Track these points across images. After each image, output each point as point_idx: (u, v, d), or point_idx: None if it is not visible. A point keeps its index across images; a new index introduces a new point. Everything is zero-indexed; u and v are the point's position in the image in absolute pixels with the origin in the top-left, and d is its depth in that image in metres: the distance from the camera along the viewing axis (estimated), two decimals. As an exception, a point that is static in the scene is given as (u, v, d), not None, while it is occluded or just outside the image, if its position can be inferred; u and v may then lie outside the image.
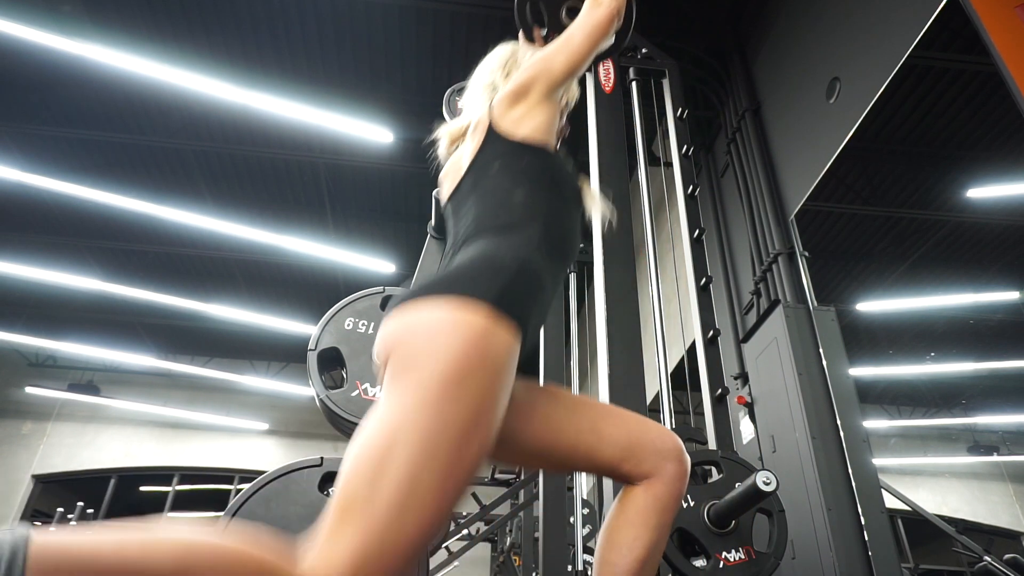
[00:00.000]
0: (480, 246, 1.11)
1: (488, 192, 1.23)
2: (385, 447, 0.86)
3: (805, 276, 3.96)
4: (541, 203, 1.20)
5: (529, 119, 1.27)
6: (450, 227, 1.33)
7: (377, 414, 0.91)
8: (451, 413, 0.88)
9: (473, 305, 0.94)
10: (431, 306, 0.95)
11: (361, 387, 1.38)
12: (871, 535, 2.97)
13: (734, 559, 1.59)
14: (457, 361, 0.90)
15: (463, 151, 1.37)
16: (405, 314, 0.98)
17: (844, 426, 3.25)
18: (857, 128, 3.67)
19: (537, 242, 1.13)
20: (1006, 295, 7.15)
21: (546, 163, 1.26)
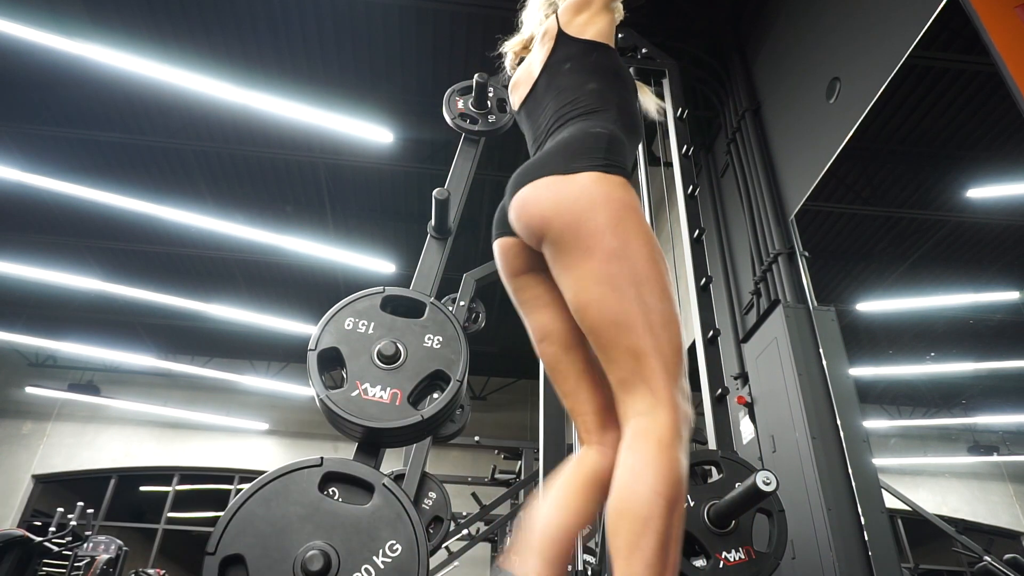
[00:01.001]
0: (572, 128, 1.31)
1: (564, 88, 1.42)
2: (635, 297, 1.08)
3: (805, 276, 3.96)
4: (612, 91, 1.40)
5: (593, 24, 1.46)
6: (528, 127, 1.54)
7: (594, 276, 1.11)
8: (647, 250, 1.12)
9: (599, 174, 1.17)
10: (568, 183, 1.17)
11: (361, 387, 1.38)
12: (871, 535, 2.97)
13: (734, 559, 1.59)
14: (623, 218, 1.13)
15: (532, 59, 1.56)
16: (544, 191, 1.19)
17: (844, 426, 3.25)
18: (857, 128, 3.67)
19: (615, 120, 1.32)
20: (1006, 295, 7.15)
21: (611, 59, 1.45)
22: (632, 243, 1.11)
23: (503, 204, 1.36)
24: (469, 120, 2.11)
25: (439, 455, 10.30)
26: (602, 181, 1.16)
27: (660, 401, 1.04)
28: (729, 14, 5.12)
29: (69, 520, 5.37)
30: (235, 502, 1.18)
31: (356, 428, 1.34)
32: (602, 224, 1.12)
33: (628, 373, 1.07)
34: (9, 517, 9.68)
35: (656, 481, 0.97)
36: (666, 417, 1.03)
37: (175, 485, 10.57)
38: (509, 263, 1.37)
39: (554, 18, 1.50)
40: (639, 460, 1.00)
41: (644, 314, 1.08)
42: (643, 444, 1.01)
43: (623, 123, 1.34)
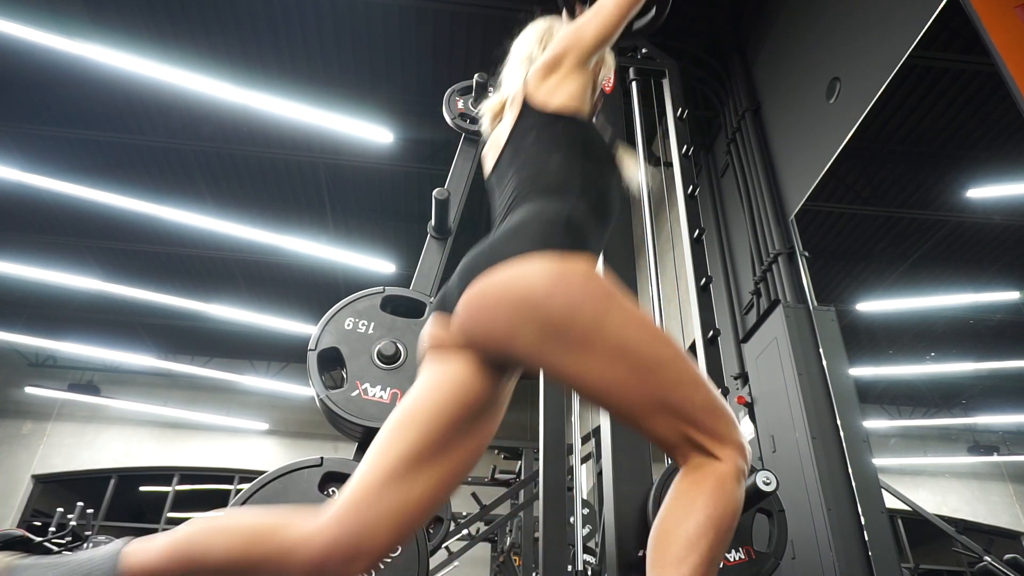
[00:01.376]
0: (528, 208, 1.17)
1: (527, 161, 1.29)
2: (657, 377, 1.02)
3: (805, 276, 3.96)
4: (576, 167, 1.26)
5: (561, 89, 1.32)
6: (495, 199, 1.38)
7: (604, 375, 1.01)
8: (640, 322, 1.04)
9: (559, 264, 1.03)
10: (533, 282, 1.01)
11: (361, 387, 1.38)
12: (871, 535, 2.97)
13: (734, 559, 1.59)
14: (605, 304, 1.02)
15: (502, 125, 1.43)
16: (507, 294, 1.02)
17: (844, 426, 3.25)
18: (857, 128, 3.67)
19: (574, 201, 1.18)
20: (1006, 295, 7.15)
21: (579, 130, 1.31)
22: (625, 327, 1.02)
23: (449, 283, 1.16)
24: (469, 120, 2.11)
25: (439, 455, 10.27)
26: (567, 271, 1.02)
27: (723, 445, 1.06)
28: (729, 14, 5.12)
29: (69, 520, 5.37)
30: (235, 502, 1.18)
31: (356, 428, 1.34)
32: (588, 322, 1.00)
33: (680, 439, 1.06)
34: (9, 517, 9.67)
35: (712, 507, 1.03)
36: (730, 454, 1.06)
37: (175, 485, 10.57)
38: (438, 338, 1.15)
39: (523, 82, 1.38)
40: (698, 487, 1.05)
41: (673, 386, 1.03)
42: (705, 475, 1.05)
43: (587, 202, 1.20)
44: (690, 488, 1.02)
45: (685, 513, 1.00)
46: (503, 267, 1.03)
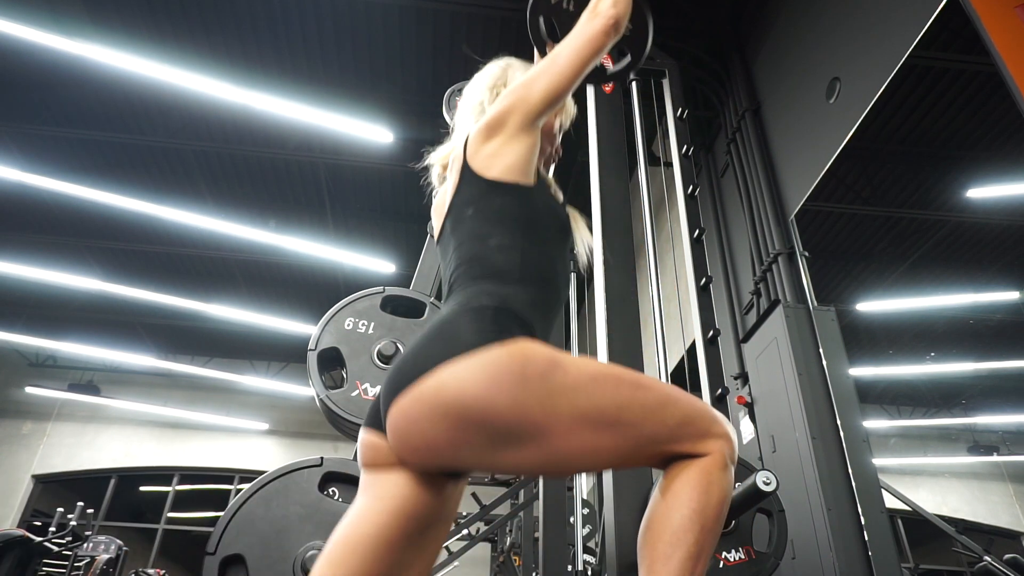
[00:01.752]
0: (459, 298, 1.08)
1: (465, 238, 1.17)
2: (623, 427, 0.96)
3: (805, 276, 3.96)
4: (516, 249, 1.13)
5: (502, 156, 1.16)
6: (442, 269, 1.25)
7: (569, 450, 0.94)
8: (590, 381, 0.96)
9: (492, 354, 0.93)
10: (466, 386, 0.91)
11: (361, 387, 1.38)
12: (871, 535, 2.97)
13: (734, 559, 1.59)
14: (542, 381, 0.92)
15: (446, 186, 1.30)
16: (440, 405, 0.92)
17: (844, 426, 3.25)
18: (857, 128, 3.67)
19: (514, 286, 1.08)
20: (1006, 295, 7.15)
21: (521, 204, 1.17)
22: (578, 396, 0.94)
23: (379, 396, 1.05)
24: (469, 120, 2.10)
25: (439, 455, 10.28)
26: (499, 359, 0.92)
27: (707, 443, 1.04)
28: (729, 14, 5.12)
29: (69, 520, 5.38)
30: (235, 502, 1.18)
31: (356, 428, 1.34)
32: (539, 411, 0.91)
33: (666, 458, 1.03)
34: (9, 517, 9.67)
35: (696, 499, 1.03)
36: (717, 447, 1.04)
37: (175, 485, 10.57)
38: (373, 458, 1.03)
39: (463, 143, 1.22)
40: (684, 480, 1.03)
41: (639, 427, 0.98)
42: (691, 466, 1.04)
43: (530, 289, 1.10)
44: (674, 482, 0.99)
45: (670, 507, 0.98)
46: (432, 375, 0.92)
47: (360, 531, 0.95)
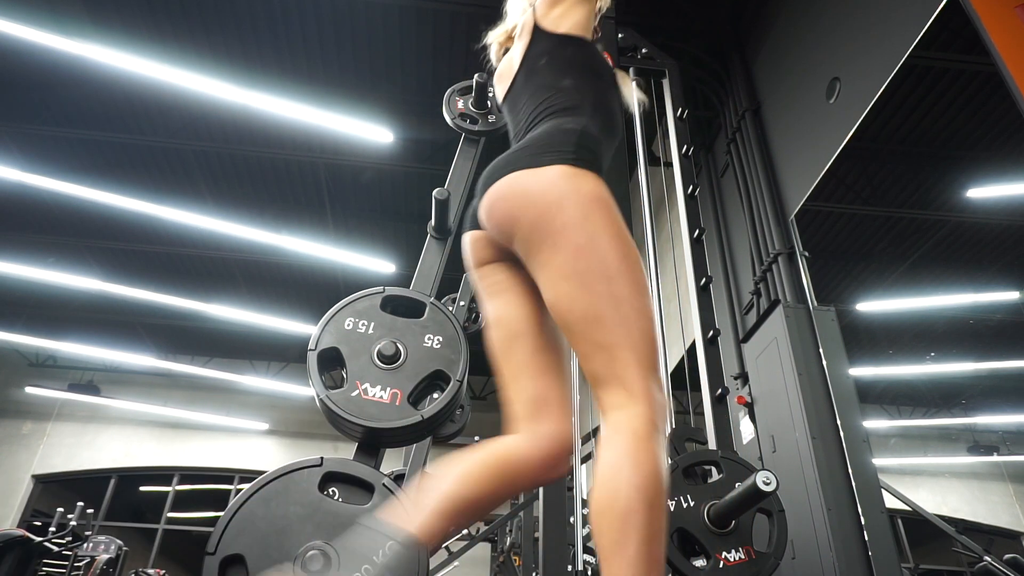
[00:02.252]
0: (545, 126, 1.29)
1: (540, 85, 1.39)
2: (605, 291, 1.08)
3: (805, 276, 3.96)
4: (587, 87, 1.38)
5: (568, 17, 1.44)
6: (510, 122, 1.50)
7: (563, 271, 1.11)
8: (616, 243, 1.11)
9: (567, 168, 1.15)
10: (535, 178, 1.16)
11: (361, 387, 1.38)
12: (871, 535, 2.97)
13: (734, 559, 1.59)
14: (591, 212, 1.12)
15: (513, 52, 1.54)
16: (511, 188, 1.18)
17: (844, 426, 3.25)
18: (857, 128, 3.67)
19: (588, 117, 1.31)
20: (1006, 295, 7.15)
21: (587, 53, 1.44)
22: (600, 237, 1.10)
23: (475, 202, 1.34)
24: (469, 120, 2.10)
25: (439, 455, 10.29)
26: (571, 175, 1.14)
27: (634, 395, 1.03)
28: (729, 14, 5.12)
29: (69, 520, 5.37)
30: (235, 502, 1.18)
31: (356, 428, 1.34)
32: (569, 219, 1.10)
33: (601, 367, 1.07)
34: (9, 517, 9.68)
35: (633, 475, 0.95)
36: (641, 410, 1.02)
37: (175, 485, 10.57)
38: (476, 254, 1.36)
39: (531, 11, 1.48)
40: (615, 455, 0.99)
41: (615, 308, 1.07)
42: (619, 439, 1.00)
43: (598, 120, 1.33)
44: (610, 456, 0.99)
45: (611, 487, 0.96)
46: (522, 173, 1.17)
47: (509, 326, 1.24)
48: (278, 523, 1.16)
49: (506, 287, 1.31)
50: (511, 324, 1.28)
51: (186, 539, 10.78)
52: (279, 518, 1.17)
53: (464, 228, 1.39)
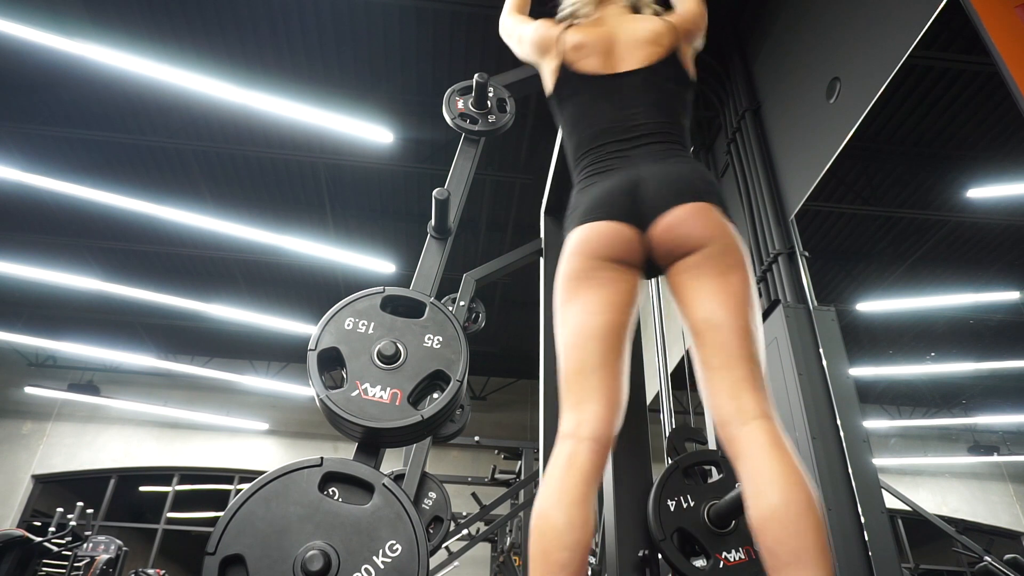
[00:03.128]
0: (693, 164, 1.43)
1: (664, 106, 1.48)
2: (753, 323, 1.27)
3: (805, 276, 3.96)
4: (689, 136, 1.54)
5: (692, 63, 1.56)
6: (604, 104, 1.51)
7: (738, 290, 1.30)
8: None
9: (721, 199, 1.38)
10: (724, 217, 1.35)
11: (361, 387, 1.38)
12: (871, 535, 2.97)
13: (734, 559, 1.59)
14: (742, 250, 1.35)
15: (624, 38, 1.55)
16: (714, 215, 1.33)
17: (844, 426, 3.25)
18: (857, 128, 3.67)
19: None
20: (1006, 295, 7.15)
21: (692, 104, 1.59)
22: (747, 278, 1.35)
23: (616, 190, 1.38)
24: (469, 120, 2.10)
25: (439, 455, 10.29)
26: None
27: (771, 407, 1.18)
28: (729, 14, 5.12)
29: (69, 520, 5.38)
30: (235, 502, 1.18)
31: (356, 428, 1.34)
32: (742, 256, 1.34)
33: (748, 375, 1.20)
34: (9, 517, 9.68)
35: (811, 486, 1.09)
36: (778, 423, 1.16)
37: (175, 485, 10.57)
38: (610, 246, 1.36)
39: (672, 29, 1.55)
40: (794, 459, 1.12)
41: (757, 330, 1.27)
42: (785, 450, 1.12)
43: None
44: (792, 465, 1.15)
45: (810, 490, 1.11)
46: (717, 208, 1.34)
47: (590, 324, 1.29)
48: (278, 523, 1.16)
49: (616, 285, 1.36)
50: (616, 318, 1.35)
51: (186, 539, 10.78)
52: (279, 518, 1.17)
53: (594, 218, 1.39)
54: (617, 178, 1.40)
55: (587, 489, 1.14)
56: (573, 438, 1.20)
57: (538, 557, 1.06)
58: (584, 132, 1.51)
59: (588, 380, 1.27)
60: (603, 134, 1.48)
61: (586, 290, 1.34)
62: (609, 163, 1.44)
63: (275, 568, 1.12)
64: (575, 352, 1.29)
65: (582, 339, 1.29)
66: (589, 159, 1.48)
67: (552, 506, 1.10)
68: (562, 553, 1.05)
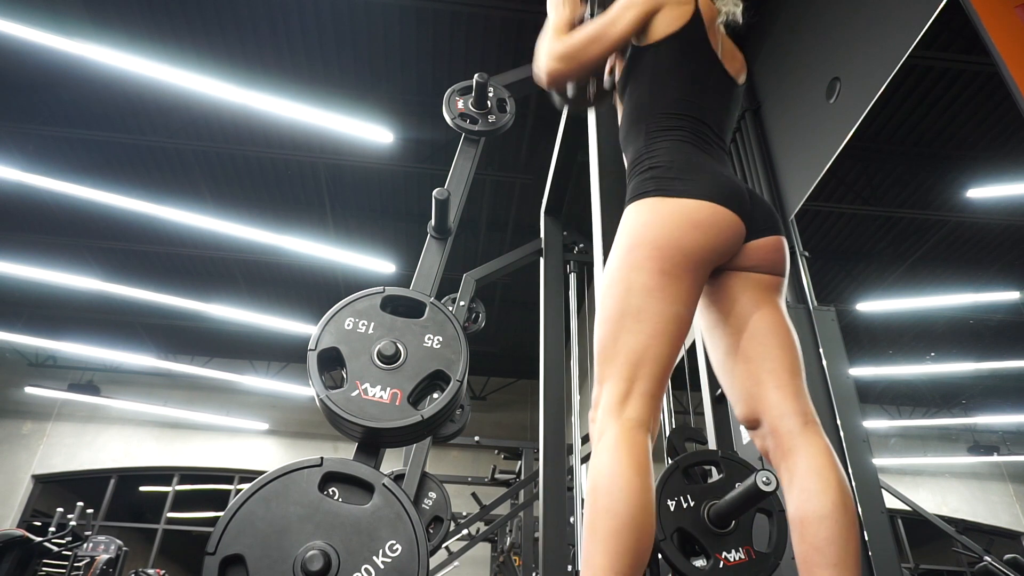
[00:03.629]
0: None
1: (732, 116, 1.52)
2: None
3: (805, 276, 3.96)
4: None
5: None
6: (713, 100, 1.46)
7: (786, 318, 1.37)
8: None
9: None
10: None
11: (361, 387, 1.38)
12: (871, 535, 2.97)
13: (734, 559, 1.59)
14: None
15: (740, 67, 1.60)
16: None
17: (844, 426, 3.25)
18: (857, 128, 3.67)
19: None
20: (1006, 295, 7.15)
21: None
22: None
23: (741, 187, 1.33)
24: (469, 120, 2.10)
25: (439, 455, 10.30)
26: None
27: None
28: (729, 14, 5.11)
29: (69, 520, 5.37)
30: (235, 502, 1.18)
31: (356, 428, 1.34)
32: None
33: (804, 385, 1.31)
34: (9, 517, 9.68)
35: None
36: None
37: (175, 485, 10.57)
38: (730, 242, 1.29)
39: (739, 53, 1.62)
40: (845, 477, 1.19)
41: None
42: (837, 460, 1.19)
43: None
44: (832, 458, 1.19)
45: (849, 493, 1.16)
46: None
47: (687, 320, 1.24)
48: (278, 523, 1.16)
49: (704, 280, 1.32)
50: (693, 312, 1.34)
51: (186, 539, 10.78)
52: (279, 518, 1.17)
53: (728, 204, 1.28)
54: (728, 171, 1.36)
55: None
56: (649, 432, 1.15)
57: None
58: (691, 97, 1.43)
59: (666, 378, 1.21)
60: (706, 114, 1.42)
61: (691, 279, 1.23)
62: (710, 148, 1.38)
63: (275, 568, 1.12)
64: (665, 340, 1.18)
65: (676, 329, 1.19)
66: (690, 124, 1.39)
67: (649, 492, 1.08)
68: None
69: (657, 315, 1.18)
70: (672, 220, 1.22)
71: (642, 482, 1.06)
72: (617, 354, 1.18)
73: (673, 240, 1.20)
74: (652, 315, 1.18)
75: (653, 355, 1.17)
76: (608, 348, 1.20)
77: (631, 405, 1.14)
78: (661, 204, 1.24)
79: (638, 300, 1.19)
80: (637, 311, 1.19)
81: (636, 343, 1.17)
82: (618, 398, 1.15)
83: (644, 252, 1.21)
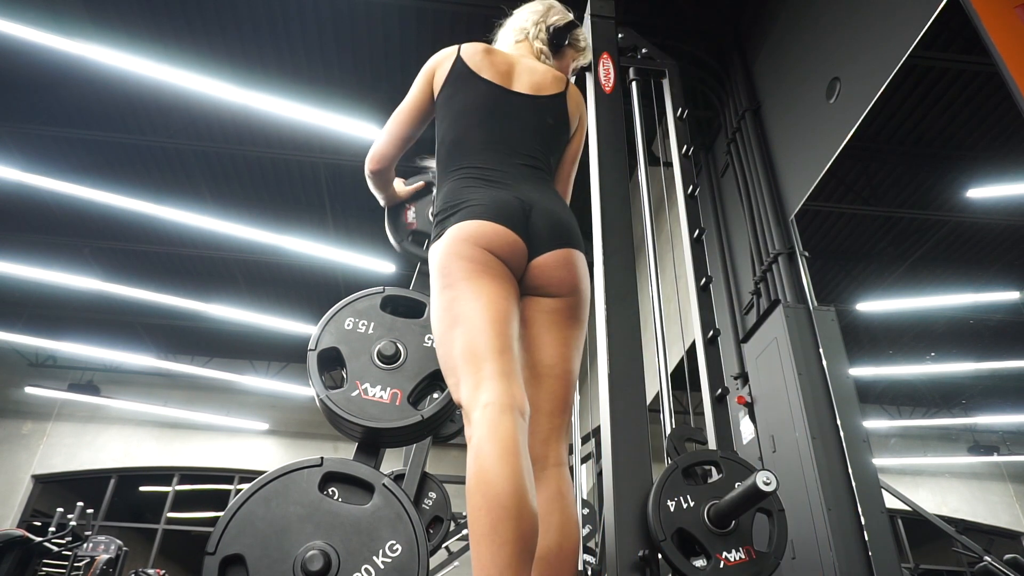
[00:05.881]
0: (564, 204, 1.55)
1: (546, 145, 1.58)
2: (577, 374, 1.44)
3: (805, 276, 3.96)
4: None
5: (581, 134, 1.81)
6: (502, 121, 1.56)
7: (580, 344, 1.43)
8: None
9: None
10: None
11: (361, 387, 1.38)
12: (871, 535, 2.97)
13: (734, 559, 1.59)
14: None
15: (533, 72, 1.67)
16: (584, 265, 1.45)
17: (844, 426, 3.25)
18: (857, 128, 3.67)
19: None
20: (1006, 295, 7.15)
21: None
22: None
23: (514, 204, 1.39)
24: (469, 120, 2.10)
25: (439, 455, 10.29)
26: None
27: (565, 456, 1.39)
28: (729, 14, 5.11)
29: (69, 520, 5.37)
30: (235, 502, 1.18)
31: (356, 428, 1.34)
32: (588, 311, 1.48)
33: (563, 424, 1.37)
34: (9, 517, 9.68)
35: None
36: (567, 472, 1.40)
37: (175, 485, 10.57)
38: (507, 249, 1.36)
39: (566, 79, 1.71)
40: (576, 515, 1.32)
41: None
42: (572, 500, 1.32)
43: None
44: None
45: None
46: (582, 252, 1.45)
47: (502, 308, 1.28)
48: (278, 523, 1.16)
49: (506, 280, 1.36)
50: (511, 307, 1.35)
51: (186, 539, 10.78)
52: (279, 518, 1.17)
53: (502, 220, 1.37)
54: (507, 192, 1.41)
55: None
56: (515, 411, 1.15)
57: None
58: (471, 134, 1.55)
59: (510, 357, 1.23)
60: (490, 145, 1.52)
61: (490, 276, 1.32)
62: (493, 174, 1.45)
63: (275, 568, 1.12)
64: (488, 325, 1.23)
65: (494, 312, 1.25)
66: (471, 161, 1.50)
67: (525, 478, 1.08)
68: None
69: (471, 311, 1.25)
70: (455, 241, 1.34)
71: (511, 468, 1.07)
72: (456, 359, 1.23)
73: (460, 252, 1.32)
74: (468, 314, 1.25)
75: (485, 341, 1.21)
76: (449, 361, 1.25)
77: (484, 389, 1.16)
78: (446, 236, 1.36)
79: (454, 310, 1.27)
80: (455, 319, 1.26)
81: (466, 341, 1.22)
82: (471, 390, 1.18)
83: (444, 275, 1.32)
